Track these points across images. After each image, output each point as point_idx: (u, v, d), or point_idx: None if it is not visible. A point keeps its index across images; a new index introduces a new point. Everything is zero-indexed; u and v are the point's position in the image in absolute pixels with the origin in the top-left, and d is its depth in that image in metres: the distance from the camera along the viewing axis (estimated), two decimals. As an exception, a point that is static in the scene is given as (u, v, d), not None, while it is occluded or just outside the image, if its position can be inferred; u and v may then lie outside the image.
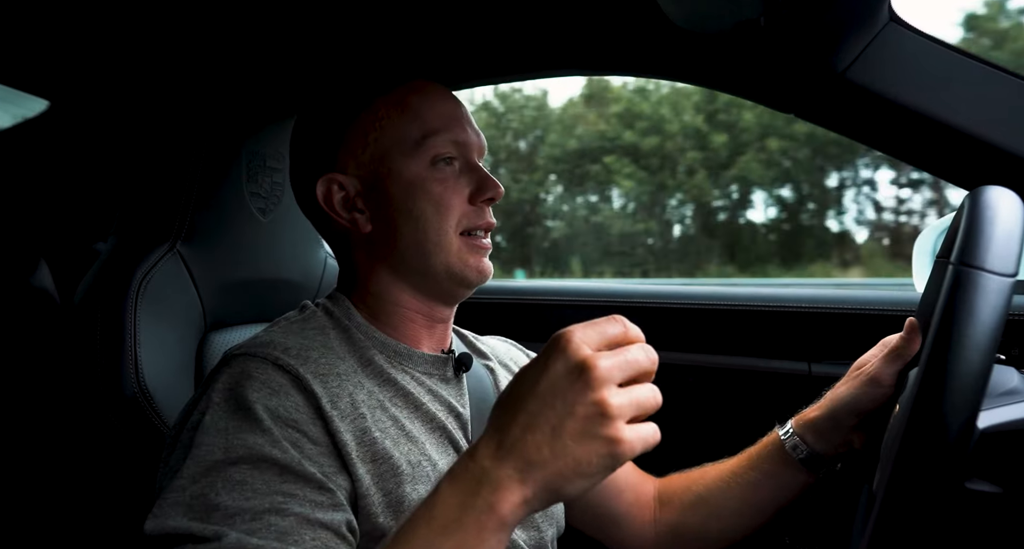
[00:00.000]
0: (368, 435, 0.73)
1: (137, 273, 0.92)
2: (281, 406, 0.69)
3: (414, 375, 0.82)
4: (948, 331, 0.52)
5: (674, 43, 1.07)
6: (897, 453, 0.53)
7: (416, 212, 0.80)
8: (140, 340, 0.89)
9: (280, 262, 1.09)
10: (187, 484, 0.64)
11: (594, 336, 0.53)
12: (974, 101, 0.96)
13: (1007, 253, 0.55)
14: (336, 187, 0.82)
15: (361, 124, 0.82)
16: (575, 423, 0.51)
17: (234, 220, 1.02)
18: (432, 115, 0.83)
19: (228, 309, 1.04)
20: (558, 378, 0.52)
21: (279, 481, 0.65)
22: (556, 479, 0.51)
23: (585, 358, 0.51)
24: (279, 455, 0.66)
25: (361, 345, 0.81)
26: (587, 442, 0.50)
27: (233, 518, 0.61)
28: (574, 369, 0.51)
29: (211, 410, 0.68)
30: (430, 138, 0.81)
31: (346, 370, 0.76)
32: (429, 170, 0.81)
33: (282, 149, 1.07)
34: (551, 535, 0.90)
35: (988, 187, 0.61)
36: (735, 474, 0.96)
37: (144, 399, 0.88)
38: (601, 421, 0.50)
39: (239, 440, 0.66)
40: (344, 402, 0.73)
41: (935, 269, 0.79)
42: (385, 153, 0.81)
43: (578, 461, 0.51)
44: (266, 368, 0.71)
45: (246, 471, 0.64)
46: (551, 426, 0.51)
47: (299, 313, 0.85)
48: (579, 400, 0.51)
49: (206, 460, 0.65)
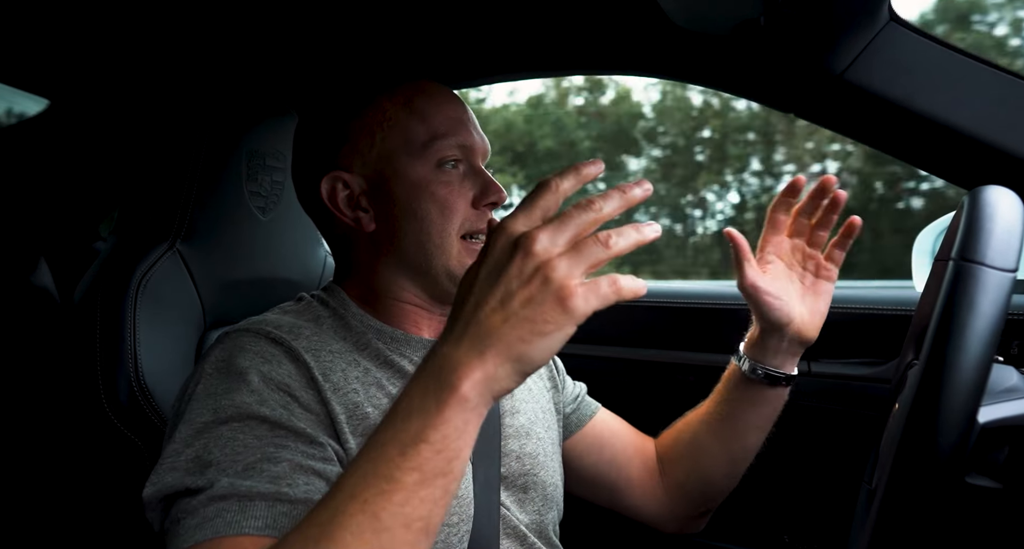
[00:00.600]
0: (360, 410, 0.74)
1: (137, 272, 0.92)
2: (273, 372, 0.70)
3: (413, 359, 0.83)
4: (949, 325, 0.52)
5: (674, 42, 1.07)
6: (897, 449, 0.53)
7: (420, 213, 0.81)
8: (140, 339, 0.89)
9: (280, 261, 1.09)
10: (180, 448, 0.65)
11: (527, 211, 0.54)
12: (974, 101, 0.97)
13: (1007, 248, 0.55)
14: (341, 185, 0.83)
15: (368, 123, 0.83)
16: (522, 289, 0.51)
17: (234, 219, 1.02)
18: (439, 118, 0.83)
19: (228, 308, 1.04)
20: (499, 255, 0.53)
21: (270, 435, 0.66)
22: (515, 345, 0.51)
23: (518, 232, 0.52)
24: (268, 412, 0.67)
25: (358, 331, 0.82)
26: (537, 304, 0.51)
27: (226, 469, 0.62)
28: (510, 245, 0.52)
29: (203, 380, 0.70)
30: (436, 141, 0.82)
31: (340, 349, 0.78)
32: (434, 172, 0.82)
33: (282, 148, 1.07)
34: (551, 518, 0.91)
35: (987, 186, 0.61)
36: (711, 413, 0.99)
37: (143, 397, 0.88)
38: (545, 280, 0.51)
39: (228, 400, 0.67)
40: (337, 376, 0.74)
41: (934, 270, 0.79)
42: (391, 153, 0.82)
43: (532, 322, 0.51)
44: (259, 340, 0.73)
45: (237, 427, 0.65)
46: (499, 298, 0.52)
47: (295, 303, 0.86)
48: (521, 269, 0.51)
49: (196, 422, 0.66)
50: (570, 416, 1.03)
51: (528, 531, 0.85)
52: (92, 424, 0.88)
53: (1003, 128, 0.95)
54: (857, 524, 0.73)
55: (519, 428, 0.90)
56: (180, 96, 1.00)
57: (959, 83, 0.97)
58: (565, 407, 1.03)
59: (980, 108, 0.96)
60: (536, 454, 0.90)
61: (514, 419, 0.90)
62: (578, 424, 1.04)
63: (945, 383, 0.51)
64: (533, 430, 0.92)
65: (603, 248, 0.52)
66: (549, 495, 0.90)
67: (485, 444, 0.84)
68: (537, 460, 0.89)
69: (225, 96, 1.00)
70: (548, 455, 0.92)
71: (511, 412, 0.90)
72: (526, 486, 0.87)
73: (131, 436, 0.87)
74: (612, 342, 1.42)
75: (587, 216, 0.53)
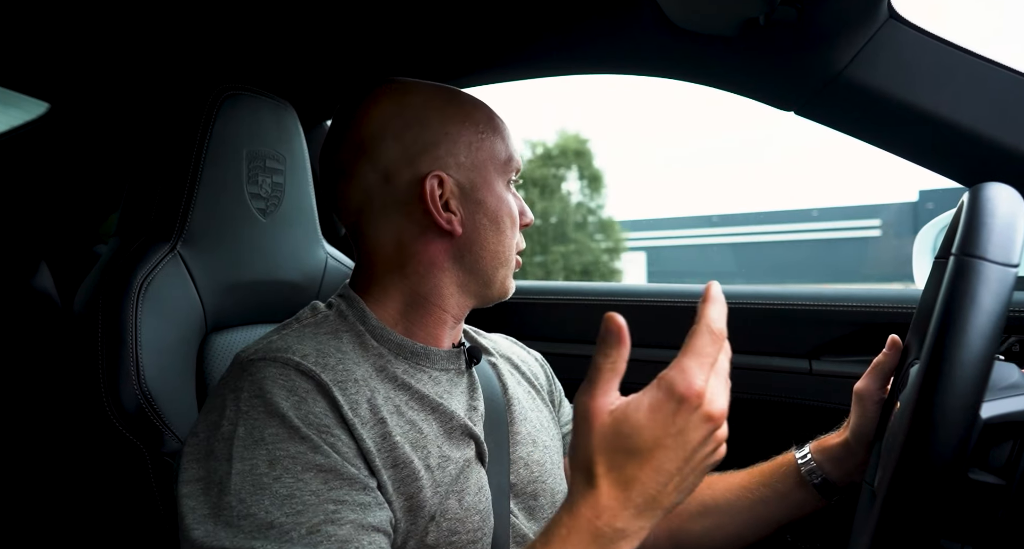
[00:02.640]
0: (388, 440, 0.73)
1: (138, 274, 0.92)
2: (311, 412, 0.69)
3: (431, 374, 0.83)
4: (950, 320, 0.52)
5: (674, 41, 1.07)
6: (901, 446, 0.53)
7: (502, 226, 0.85)
8: (141, 342, 0.89)
9: (281, 263, 1.09)
10: (234, 502, 0.64)
11: (702, 367, 0.55)
12: (974, 98, 0.96)
13: (1008, 243, 0.55)
14: (437, 183, 0.82)
15: (466, 131, 0.84)
16: (706, 459, 0.55)
17: (234, 221, 1.02)
18: (511, 141, 0.89)
19: (229, 310, 1.04)
20: (688, 425, 0.54)
21: (326, 489, 0.65)
22: (670, 501, 0.55)
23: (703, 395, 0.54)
24: (322, 461, 0.66)
25: (375, 351, 0.80)
26: (705, 462, 0.55)
27: (289, 533, 0.62)
28: (703, 417, 0.54)
29: (243, 421, 0.68)
30: (513, 160, 0.87)
31: (363, 375, 0.76)
32: (507, 190, 0.87)
33: (281, 149, 1.07)
34: None
35: (988, 183, 0.61)
36: (745, 488, 0.97)
37: (145, 400, 0.88)
38: (715, 438, 0.55)
39: (281, 450, 0.66)
40: (363, 408, 0.73)
41: (935, 268, 0.79)
42: (483, 164, 0.85)
43: (695, 481, 0.56)
44: (289, 373, 0.71)
45: (291, 484, 0.64)
46: (682, 473, 0.54)
47: (311, 315, 0.84)
48: (709, 439, 0.55)
49: (251, 475, 0.65)
50: (566, 438, 1.03)
51: None
52: (94, 427, 0.88)
53: (1003, 125, 0.95)
54: (859, 523, 0.73)
55: (526, 436, 0.90)
56: (180, 98, 1.00)
57: (959, 80, 0.97)
58: (562, 427, 1.03)
59: (980, 105, 0.96)
60: (543, 462, 0.90)
61: (521, 427, 0.90)
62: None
63: (947, 379, 0.51)
64: (539, 438, 0.92)
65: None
66: (558, 502, 0.89)
67: (496, 450, 0.84)
68: (544, 468, 0.89)
69: (225, 98, 1.00)
70: (554, 464, 0.92)
71: (518, 420, 0.90)
72: (536, 493, 0.87)
73: (133, 439, 0.87)
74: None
75: (725, 353, 0.57)
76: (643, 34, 1.07)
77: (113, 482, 0.90)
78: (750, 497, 0.96)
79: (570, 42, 1.16)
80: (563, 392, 1.08)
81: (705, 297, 0.56)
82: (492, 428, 0.85)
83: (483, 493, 0.79)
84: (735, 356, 1.10)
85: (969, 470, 0.60)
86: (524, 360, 1.04)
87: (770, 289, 1.36)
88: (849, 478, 0.91)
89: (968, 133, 0.96)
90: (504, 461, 0.85)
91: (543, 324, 1.51)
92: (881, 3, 0.94)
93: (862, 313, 1.24)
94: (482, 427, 0.84)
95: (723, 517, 0.97)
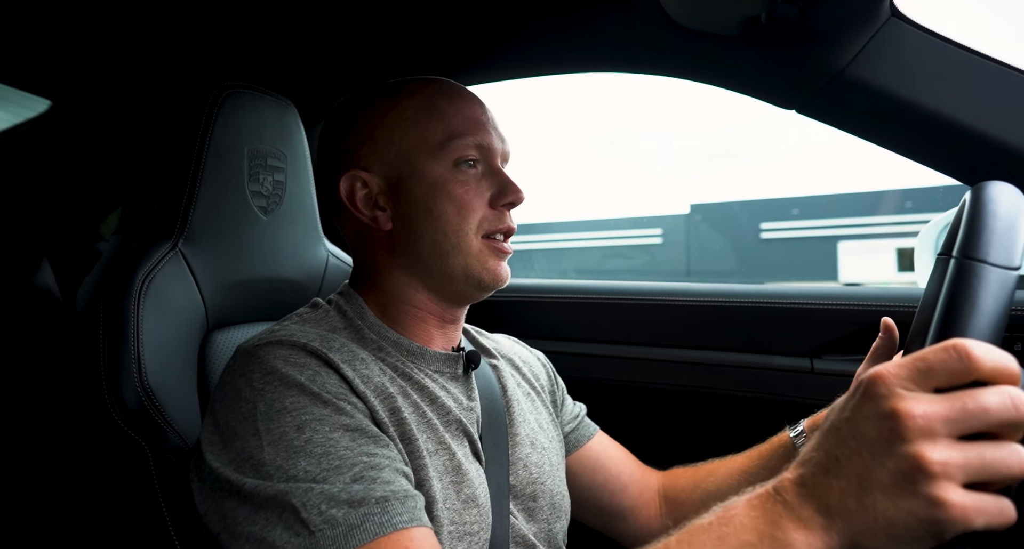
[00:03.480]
0: (398, 415, 0.74)
1: (139, 272, 0.92)
2: (327, 382, 0.70)
3: (427, 373, 0.83)
4: (950, 324, 0.52)
5: (676, 40, 1.07)
6: None
7: (437, 212, 0.81)
8: (143, 339, 0.89)
9: (282, 261, 1.09)
10: (272, 471, 0.63)
11: (915, 375, 0.45)
12: (976, 96, 0.96)
13: (1009, 246, 0.54)
14: (359, 184, 0.83)
15: (387, 122, 0.83)
16: (886, 476, 0.44)
17: (236, 219, 1.02)
18: (457, 118, 0.83)
19: (230, 308, 1.04)
20: (864, 423, 0.46)
21: (356, 445, 0.66)
22: (863, 535, 0.45)
23: (895, 405, 0.44)
24: (348, 421, 0.67)
25: (374, 344, 0.82)
26: (901, 500, 0.44)
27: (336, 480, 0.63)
28: (882, 416, 0.45)
29: (260, 397, 0.68)
30: (454, 140, 0.82)
31: (366, 358, 0.77)
32: (451, 172, 0.82)
33: (283, 148, 1.07)
34: (560, 527, 0.91)
35: (990, 182, 0.61)
36: (746, 472, 0.96)
37: (147, 398, 0.88)
38: (918, 479, 0.43)
39: (307, 415, 0.66)
40: (374, 382, 0.74)
41: (937, 266, 0.79)
42: (409, 153, 0.82)
43: (890, 521, 0.44)
44: (297, 351, 0.72)
45: (323, 443, 0.65)
46: (857, 475, 0.45)
47: (312, 310, 0.85)
48: (889, 452, 0.44)
49: (282, 441, 0.65)
50: (568, 436, 1.03)
51: (537, 540, 0.85)
52: (96, 425, 0.88)
53: (1005, 123, 0.95)
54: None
55: (524, 437, 0.90)
56: (181, 96, 1.00)
57: (961, 78, 0.97)
58: (564, 426, 1.03)
59: (982, 103, 0.96)
60: (542, 464, 0.90)
61: (520, 428, 0.90)
62: (575, 445, 1.03)
63: None
64: (538, 440, 0.92)
65: (1008, 464, 0.43)
66: (557, 504, 0.90)
67: (494, 451, 0.84)
68: (543, 469, 0.89)
69: (227, 96, 1.00)
70: (554, 465, 0.92)
71: (517, 422, 0.91)
72: (535, 495, 0.87)
73: (135, 436, 0.87)
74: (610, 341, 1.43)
75: (1006, 407, 0.43)
76: (644, 33, 1.07)
77: (115, 479, 0.90)
78: (752, 480, 0.94)
79: (571, 41, 1.16)
80: (565, 391, 1.08)
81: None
82: (490, 429, 0.86)
83: (481, 488, 0.79)
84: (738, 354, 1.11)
85: None
86: (526, 360, 1.04)
87: (772, 288, 1.35)
88: None
89: (970, 131, 0.96)
90: (503, 462, 0.85)
91: (546, 323, 1.51)
92: (883, 1, 0.94)
93: (863, 312, 1.24)
94: (477, 428, 0.84)
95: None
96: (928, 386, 0.45)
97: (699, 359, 1.35)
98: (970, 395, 0.44)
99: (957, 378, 0.45)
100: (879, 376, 0.46)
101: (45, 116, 1.44)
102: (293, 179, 1.08)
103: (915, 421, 0.43)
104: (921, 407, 0.44)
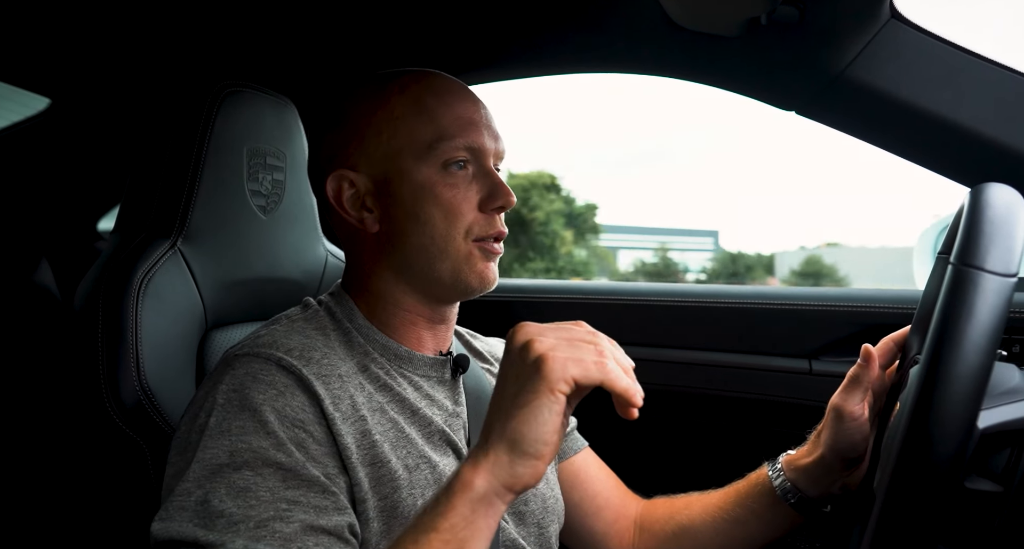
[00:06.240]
0: (368, 438, 0.73)
1: (138, 271, 0.92)
2: (288, 406, 0.69)
3: (412, 379, 0.82)
4: (947, 332, 0.52)
5: (676, 41, 1.07)
6: (898, 452, 0.53)
7: (424, 216, 0.79)
8: (142, 338, 0.89)
9: (281, 260, 1.09)
10: (192, 488, 0.64)
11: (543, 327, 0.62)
12: (976, 98, 0.96)
13: (1007, 253, 0.54)
14: (347, 184, 0.81)
15: (376, 122, 0.81)
16: (518, 377, 0.58)
17: (235, 218, 1.02)
18: (447, 118, 0.80)
19: (229, 307, 1.04)
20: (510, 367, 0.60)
21: (283, 488, 0.65)
22: (507, 425, 0.58)
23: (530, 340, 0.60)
24: (284, 459, 0.66)
25: (361, 349, 0.81)
26: (522, 381, 0.58)
27: (237, 525, 0.62)
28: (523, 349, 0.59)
29: (216, 411, 0.68)
30: (443, 142, 0.79)
31: (347, 372, 0.76)
32: (440, 174, 0.79)
33: (282, 147, 1.07)
34: (553, 530, 0.90)
35: (989, 184, 0.60)
36: (721, 509, 0.93)
37: (146, 397, 0.88)
38: (533, 361, 0.57)
39: (244, 443, 0.66)
40: (345, 404, 0.73)
41: (936, 266, 0.79)
42: (397, 153, 0.80)
43: (515, 397, 0.58)
44: (270, 369, 0.71)
45: (250, 477, 0.64)
46: (504, 396, 0.59)
47: (302, 311, 0.84)
48: (522, 359, 0.59)
49: (211, 464, 0.65)
50: (565, 438, 1.01)
51: (527, 544, 0.84)
52: (95, 424, 0.88)
53: (1004, 125, 0.95)
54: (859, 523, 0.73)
55: None
56: (181, 95, 1.00)
57: (961, 80, 0.97)
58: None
59: (981, 105, 0.96)
60: None
61: None
62: (561, 456, 1.00)
63: (943, 392, 0.51)
64: None
65: (596, 354, 0.59)
66: (550, 507, 0.89)
67: None
68: None
69: (226, 95, 1.00)
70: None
71: None
72: (525, 498, 0.86)
73: (134, 436, 0.88)
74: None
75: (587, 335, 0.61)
76: (645, 33, 1.07)
77: (113, 477, 0.90)
78: (727, 518, 0.92)
79: (572, 41, 1.16)
80: None
81: None
82: (479, 434, 0.85)
83: None
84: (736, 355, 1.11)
85: (966, 478, 0.60)
86: None
87: (770, 289, 1.36)
88: (828, 492, 0.87)
89: (969, 133, 0.96)
90: None
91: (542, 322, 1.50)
92: (883, 3, 0.94)
93: (862, 313, 1.24)
94: (464, 434, 0.83)
95: (700, 538, 0.93)
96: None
97: (697, 360, 1.35)
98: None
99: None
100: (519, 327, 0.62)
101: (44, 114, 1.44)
102: (292, 178, 1.08)
103: (528, 328, 0.61)
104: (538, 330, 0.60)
